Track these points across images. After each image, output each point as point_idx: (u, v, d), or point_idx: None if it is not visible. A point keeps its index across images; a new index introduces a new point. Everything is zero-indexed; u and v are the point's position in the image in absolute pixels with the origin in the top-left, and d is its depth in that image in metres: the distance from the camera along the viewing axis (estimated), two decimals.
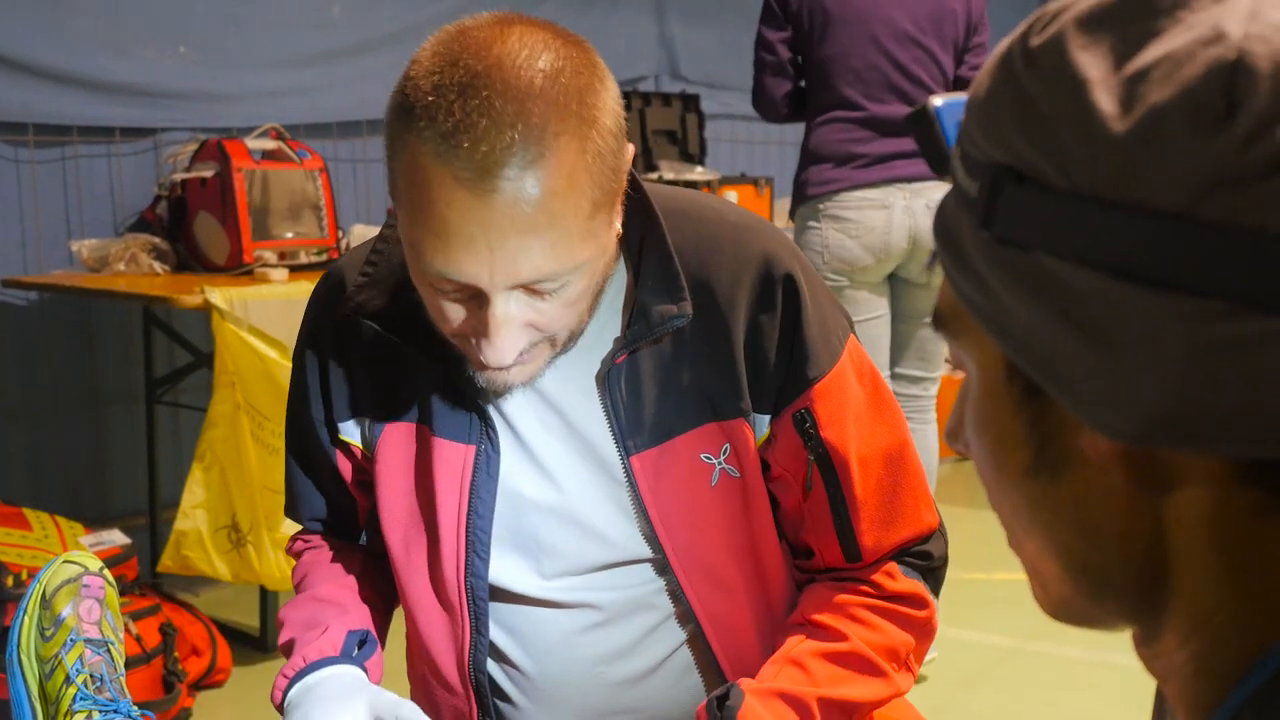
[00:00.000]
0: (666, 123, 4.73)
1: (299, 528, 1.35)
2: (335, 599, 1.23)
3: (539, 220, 0.93)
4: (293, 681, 1.14)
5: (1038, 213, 0.48)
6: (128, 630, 2.54)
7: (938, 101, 0.56)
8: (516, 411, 1.16)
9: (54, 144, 3.28)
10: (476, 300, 1.00)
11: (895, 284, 2.94)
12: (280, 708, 1.15)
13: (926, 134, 0.57)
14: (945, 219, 0.55)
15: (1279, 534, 0.48)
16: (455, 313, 1.01)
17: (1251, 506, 0.48)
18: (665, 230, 1.10)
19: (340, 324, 1.20)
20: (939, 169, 0.56)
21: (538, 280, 0.97)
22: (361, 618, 1.22)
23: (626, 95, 4.69)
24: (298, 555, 1.33)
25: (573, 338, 1.07)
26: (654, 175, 4.53)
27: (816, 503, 1.15)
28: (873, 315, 2.89)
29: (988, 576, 3.45)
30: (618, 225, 1.05)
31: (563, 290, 0.99)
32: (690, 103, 4.86)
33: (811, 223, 2.87)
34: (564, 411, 1.15)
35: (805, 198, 2.87)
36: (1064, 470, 0.52)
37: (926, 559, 1.18)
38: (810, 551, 1.19)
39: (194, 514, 2.75)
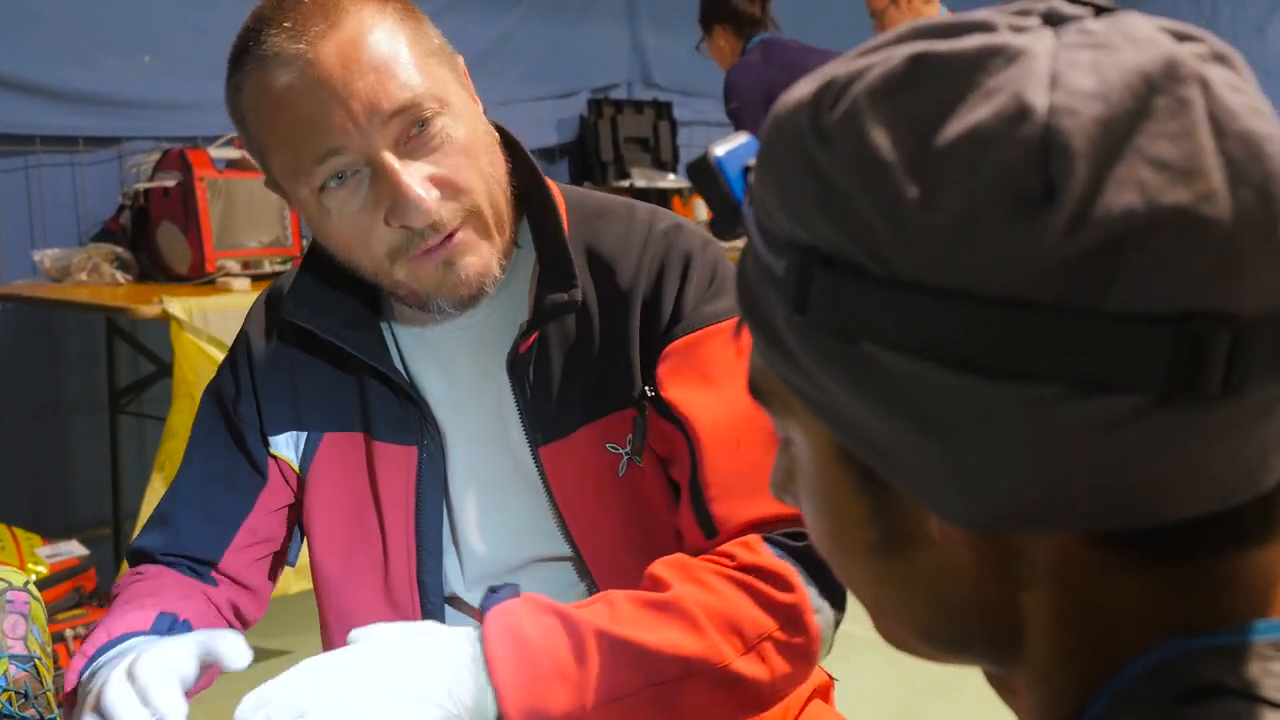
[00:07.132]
0: (639, 130, 4.73)
1: None
2: (148, 592, 1.13)
3: (369, 56, 1.00)
4: (92, 659, 1.04)
5: (855, 301, 0.44)
6: (82, 641, 2.53)
7: (719, 151, 0.52)
8: (438, 409, 1.16)
9: (17, 153, 3.27)
10: (374, 184, 1.02)
11: None
12: (73, 692, 1.04)
13: (711, 187, 0.52)
14: (750, 289, 0.50)
15: (1121, 589, 0.47)
16: (366, 218, 1.03)
17: (1098, 567, 0.47)
18: (561, 220, 1.12)
19: (276, 340, 1.22)
20: (728, 224, 0.52)
21: (400, 108, 1.00)
22: (180, 607, 1.11)
23: (598, 103, 4.70)
24: (120, 590, 1.19)
25: (499, 221, 1.08)
26: (626, 183, 4.53)
27: (675, 473, 1.11)
28: None
29: None
30: (475, 104, 1.09)
31: (440, 134, 1.03)
32: (663, 110, 4.87)
33: None
34: (481, 403, 1.15)
35: None
36: (910, 549, 0.49)
37: (799, 540, 1.08)
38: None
39: None
